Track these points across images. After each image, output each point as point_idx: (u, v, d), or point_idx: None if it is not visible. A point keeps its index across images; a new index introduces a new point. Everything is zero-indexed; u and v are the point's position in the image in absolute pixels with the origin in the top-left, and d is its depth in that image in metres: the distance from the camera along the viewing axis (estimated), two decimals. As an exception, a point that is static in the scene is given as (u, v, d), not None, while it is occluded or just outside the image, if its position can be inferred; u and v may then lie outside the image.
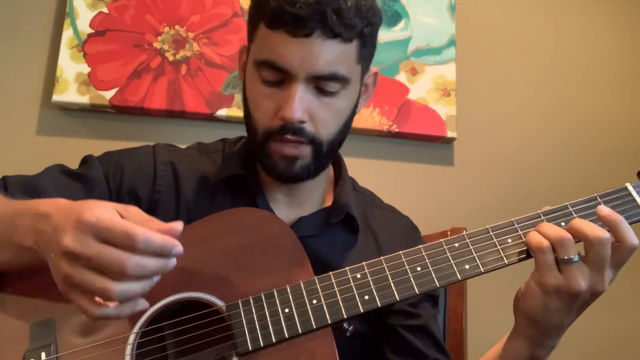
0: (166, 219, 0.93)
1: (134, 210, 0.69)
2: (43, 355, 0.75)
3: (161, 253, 0.66)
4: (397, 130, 1.81)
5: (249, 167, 0.99)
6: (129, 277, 0.64)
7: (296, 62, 0.85)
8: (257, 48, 0.90)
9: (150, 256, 0.65)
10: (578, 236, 0.77)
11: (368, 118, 1.80)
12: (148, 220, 0.68)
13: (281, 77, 0.88)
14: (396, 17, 1.90)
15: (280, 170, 0.92)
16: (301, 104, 0.86)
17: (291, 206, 1.00)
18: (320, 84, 0.88)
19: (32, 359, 0.75)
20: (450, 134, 1.83)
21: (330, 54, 0.85)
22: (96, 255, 0.64)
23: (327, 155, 0.94)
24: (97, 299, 0.66)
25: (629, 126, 2.02)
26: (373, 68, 1.00)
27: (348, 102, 0.92)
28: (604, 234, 0.75)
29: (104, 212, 0.65)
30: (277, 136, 0.89)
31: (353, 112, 0.96)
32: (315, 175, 0.96)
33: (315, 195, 1.02)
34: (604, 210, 0.78)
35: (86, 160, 1.00)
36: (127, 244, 0.64)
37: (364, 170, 1.73)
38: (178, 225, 0.68)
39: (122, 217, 0.67)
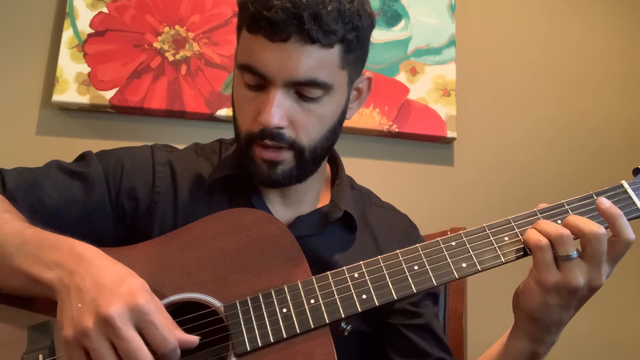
0: (164, 219, 0.96)
1: (161, 307, 0.72)
2: (40, 357, 0.74)
3: None
4: (397, 130, 1.81)
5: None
6: None
7: (274, 67, 0.84)
8: (240, 52, 0.90)
9: None
10: (574, 232, 0.77)
11: (368, 118, 1.80)
12: (173, 325, 0.72)
13: (261, 82, 0.87)
14: (396, 17, 1.90)
15: (262, 174, 0.91)
16: (279, 109, 0.85)
17: (287, 206, 1.00)
18: (300, 89, 0.86)
19: None
20: (450, 134, 1.83)
21: (309, 59, 0.83)
22: (127, 340, 0.67)
23: (311, 160, 0.92)
24: None
25: (630, 127, 2.02)
26: (367, 72, 0.97)
27: (332, 108, 0.90)
28: (599, 229, 0.76)
29: (151, 302, 0.70)
30: (258, 140, 0.88)
31: (341, 118, 0.94)
32: (300, 181, 0.95)
33: (310, 195, 1.02)
34: (605, 203, 0.78)
35: (84, 157, 0.99)
36: (159, 344, 0.69)
37: (364, 170, 1.73)
38: (195, 340, 0.74)
39: None
